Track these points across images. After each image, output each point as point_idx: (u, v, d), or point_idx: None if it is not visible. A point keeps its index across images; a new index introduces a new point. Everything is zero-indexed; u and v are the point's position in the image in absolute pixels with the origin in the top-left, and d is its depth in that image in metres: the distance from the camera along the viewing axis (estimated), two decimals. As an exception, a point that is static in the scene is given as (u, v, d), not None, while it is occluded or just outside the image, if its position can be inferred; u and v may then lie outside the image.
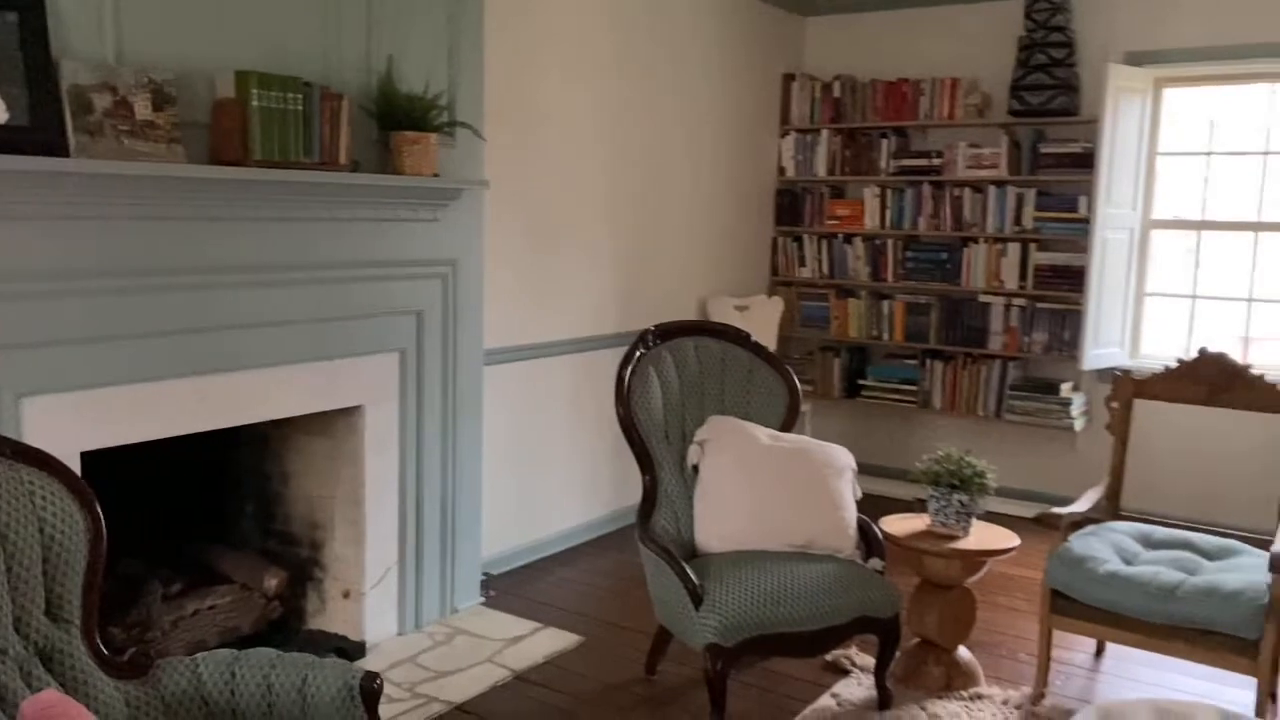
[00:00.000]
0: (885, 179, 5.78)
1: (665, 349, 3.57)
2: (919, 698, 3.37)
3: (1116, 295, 5.25)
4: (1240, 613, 2.99)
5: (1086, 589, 3.23)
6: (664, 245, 5.29)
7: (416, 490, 3.77)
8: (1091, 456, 5.27)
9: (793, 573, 3.13)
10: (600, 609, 4.14)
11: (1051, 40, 5.24)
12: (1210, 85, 5.20)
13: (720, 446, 3.44)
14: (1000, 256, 5.45)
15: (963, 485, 3.36)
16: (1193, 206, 5.30)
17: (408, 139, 3.40)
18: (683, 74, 5.26)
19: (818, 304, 6.03)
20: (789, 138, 6.05)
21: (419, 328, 3.72)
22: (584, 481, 4.92)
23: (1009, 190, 5.40)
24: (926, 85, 5.62)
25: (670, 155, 5.25)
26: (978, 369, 5.54)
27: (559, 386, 4.72)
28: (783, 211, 6.12)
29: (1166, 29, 5.11)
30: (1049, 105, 5.25)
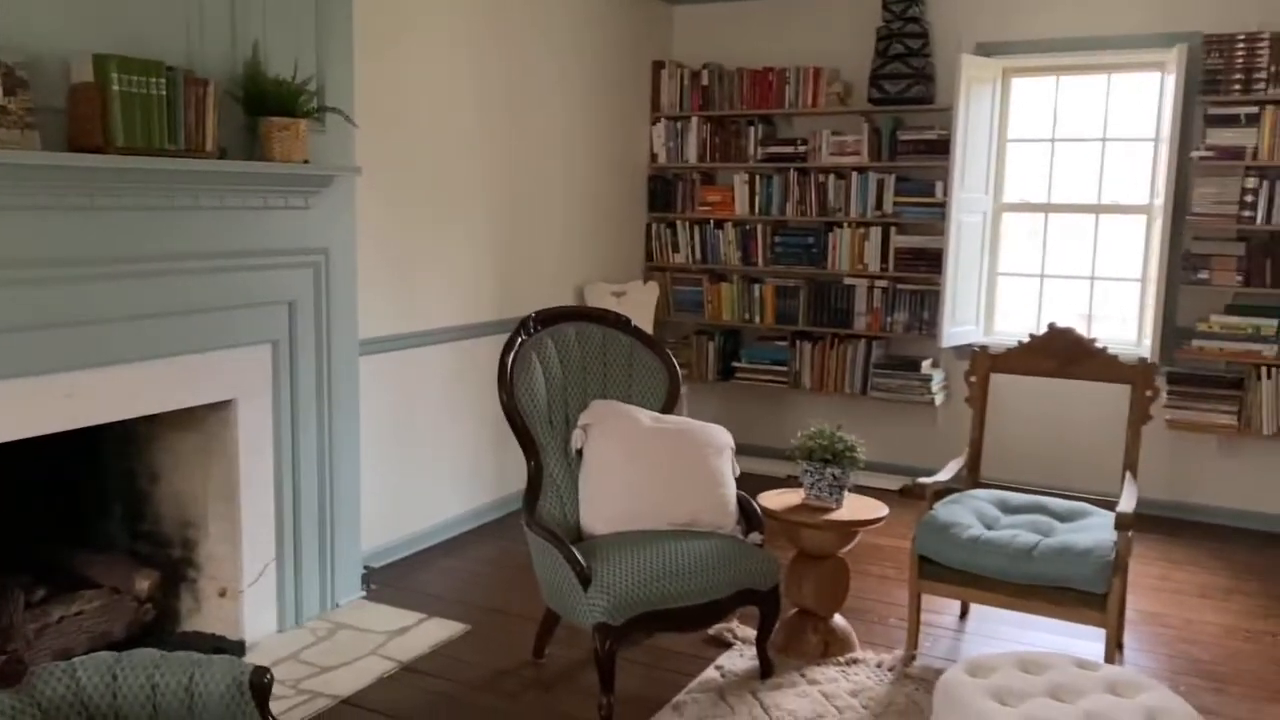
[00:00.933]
0: (753, 166, 5.92)
1: (547, 335, 3.60)
2: (799, 665, 3.50)
3: (971, 276, 5.52)
4: (1090, 570, 3.21)
5: (951, 554, 3.42)
6: (540, 232, 5.30)
7: (293, 484, 3.70)
8: (951, 429, 5.55)
9: (677, 550, 3.20)
10: (485, 596, 4.14)
11: (908, 31, 5.46)
12: (1053, 75, 5.50)
13: (603, 430, 3.49)
14: (863, 240, 5.66)
15: (835, 459, 3.50)
16: (1039, 190, 5.61)
17: (277, 125, 3.32)
18: (555, 61, 5.27)
19: (691, 289, 6.14)
20: (660, 125, 6.13)
21: (291, 318, 3.64)
22: (465, 470, 4.90)
23: (870, 176, 5.61)
24: (791, 74, 5.77)
25: (544, 143, 5.26)
26: (844, 349, 5.75)
27: (437, 375, 4.69)
28: (656, 198, 6.20)
29: (1014, 22, 5.38)
30: (906, 94, 5.47)
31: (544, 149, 5.27)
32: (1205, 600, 4.23)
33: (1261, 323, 4.88)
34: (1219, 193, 4.90)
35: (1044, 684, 2.39)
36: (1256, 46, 4.76)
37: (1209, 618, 4.05)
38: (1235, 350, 4.93)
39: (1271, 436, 4.91)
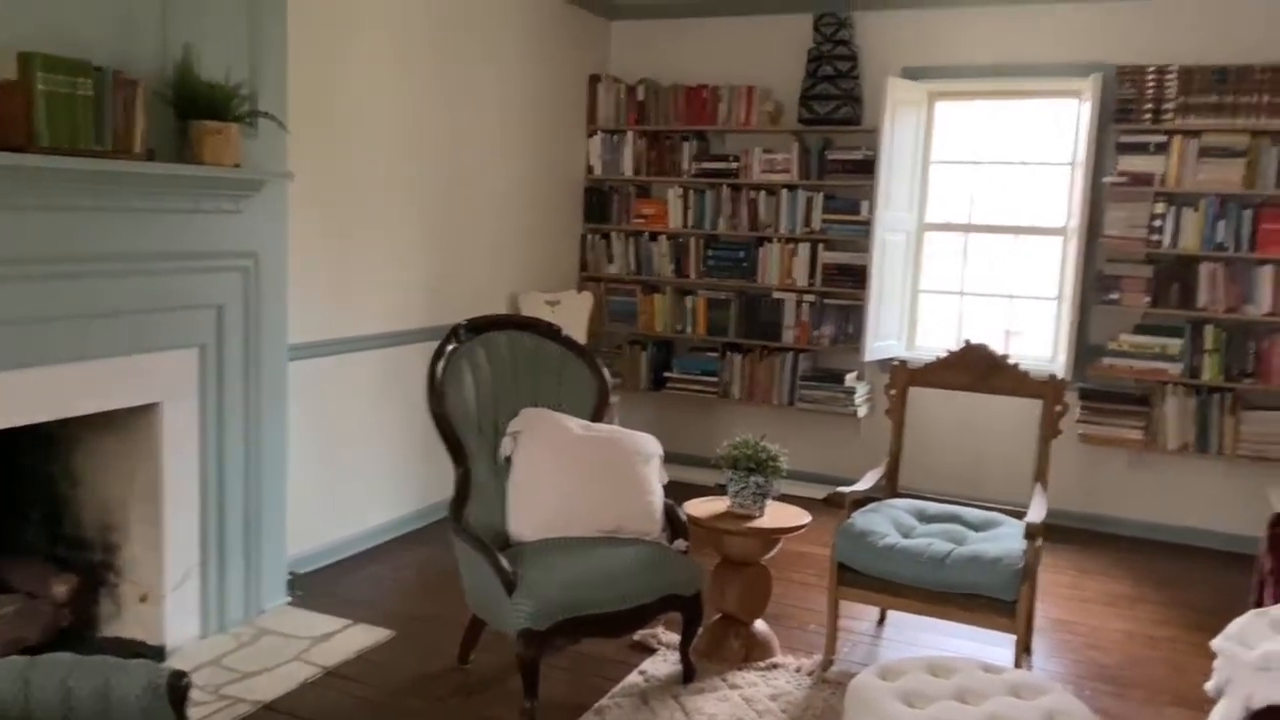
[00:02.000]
0: (688, 180, 6.02)
1: (478, 343, 3.63)
2: (720, 670, 3.57)
3: (894, 292, 5.67)
4: (1000, 577, 3.33)
5: (869, 561, 3.52)
6: (474, 240, 5.32)
7: (219, 489, 3.67)
8: (873, 440, 5.68)
9: (602, 556, 3.26)
10: (411, 603, 4.15)
11: (837, 54, 5.60)
12: (976, 100, 5.69)
13: (533, 438, 3.53)
14: (792, 256, 5.79)
15: (759, 468, 3.59)
16: (961, 211, 5.79)
17: (208, 129, 3.31)
18: (492, 72, 5.31)
19: (625, 299, 6.22)
20: (596, 137, 6.20)
21: (219, 322, 3.62)
22: (392, 477, 4.90)
23: (800, 194, 5.74)
24: (725, 92, 5.89)
25: (480, 152, 5.29)
26: (772, 361, 5.87)
27: (366, 382, 4.69)
28: (591, 209, 6.27)
29: (939, 48, 5.56)
30: (835, 115, 5.61)
31: (480, 158, 5.30)
32: (1112, 608, 4.40)
33: (1168, 342, 5.09)
34: (1129, 217, 5.12)
35: (951, 687, 2.49)
36: (1165, 79, 4.98)
37: (1115, 625, 4.21)
38: (1143, 368, 5.14)
39: (1176, 451, 5.12)
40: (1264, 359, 4.94)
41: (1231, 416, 5.00)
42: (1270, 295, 4.89)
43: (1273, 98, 4.80)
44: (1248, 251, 4.92)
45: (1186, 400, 5.08)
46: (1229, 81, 4.87)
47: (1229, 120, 4.88)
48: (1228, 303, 4.98)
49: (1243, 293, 4.96)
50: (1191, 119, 4.94)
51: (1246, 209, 4.91)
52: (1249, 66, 4.83)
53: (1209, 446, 5.05)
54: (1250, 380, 4.96)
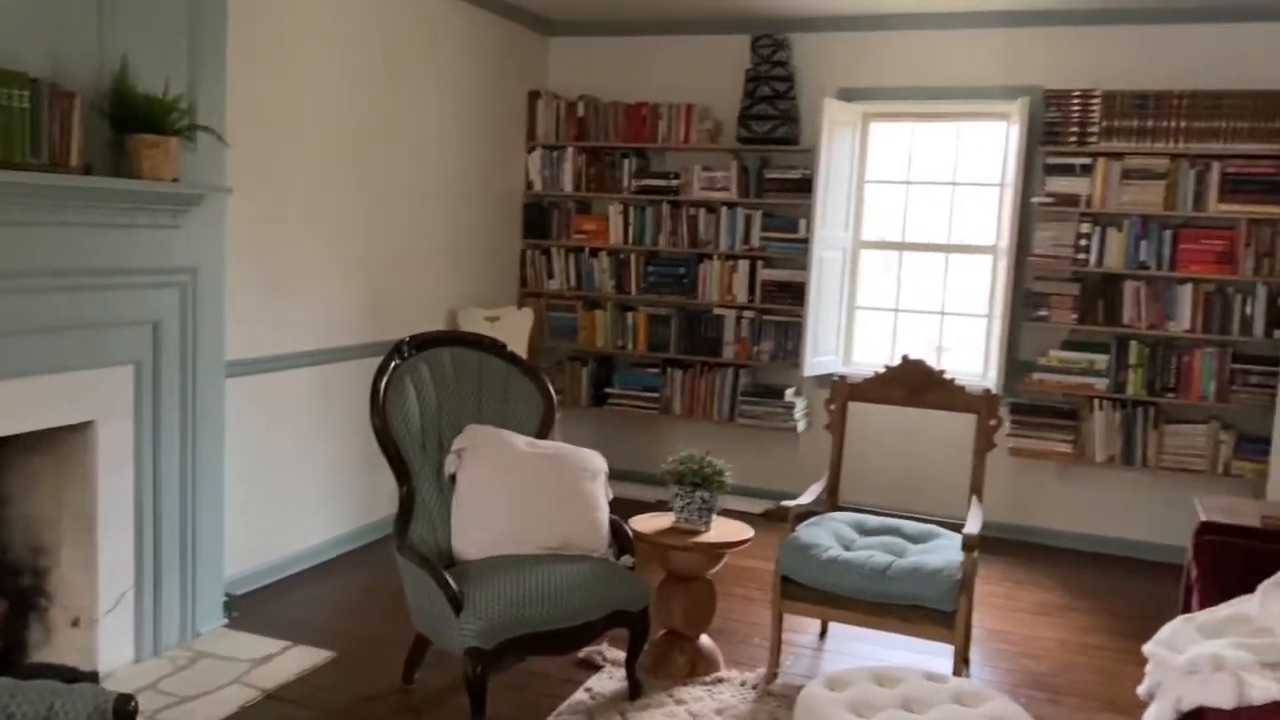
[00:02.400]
0: (628, 197, 6.06)
1: (421, 359, 3.61)
2: (666, 686, 3.59)
3: (832, 308, 5.77)
4: (940, 588, 3.41)
5: (812, 574, 3.57)
6: (413, 256, 5.29)
7: (154, 509, 3.60)
8: (812, 454, 5.76)
9: (549, 573, 3.25)
10: (352, 624, 4.09)
11: (774, 74, 5.70)
12: (909, 122, 5.83)
13: (478, 455, 3.52)
14: (732, 272, 5.86)
15: (704, 483, 3.62)
16: (895, 229, 5.92)
17: (147, 142, 3.26)
18: (430, 87, 5.29)
19: (566, 315, 6.22)
20: (536, 153, 6.21)
21: (156, 339, 3.56)
22: (331, 496, 4.84)
23: (739, 211, 5.82)
24: (664, 110, 5.94)
25: (418, 167, 5.27)
26: (713, 376, 5.92)
27: (304, 399, 4.63)
28: (531, 224, 6.27)
29: (873, 70, 5.69)
30: (773, 134, 5.70)
31: (418, 174, 5.28)
32: (1044, 617, 4.51)
33: (1095, 358, 5.26)
34: (1057, 236, 5.28)
35: (896, 696, 2.54)
36: (1090, 103, 5.16)
37: (1047, 633, 4.32)
38: (1071, 383, 5.30)
39: (1104, 464, 5.29)
40: (1184, 374, 5.13)
41: (1155, 430, 5.18)
42: (1190, 312, 5.09)
43: (1190, 123, 4.99)
44: (1168, 270, 5.10)
45: (1112, 414, 5.25)
46: (1149, 107, 5.06)
47: (1150, 144, 5.07)
48: (1150, 320, 5.16)
49: (1164, 310, 5.14)
50: (1115, 142, 5.13)
51: (1167, 229, 5.11)
52: (1168, 92, 5.02)
53: (1134, 459, 5.22)
54: (1172, 395, 5.14)
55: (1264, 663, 2.40)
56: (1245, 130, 4.91)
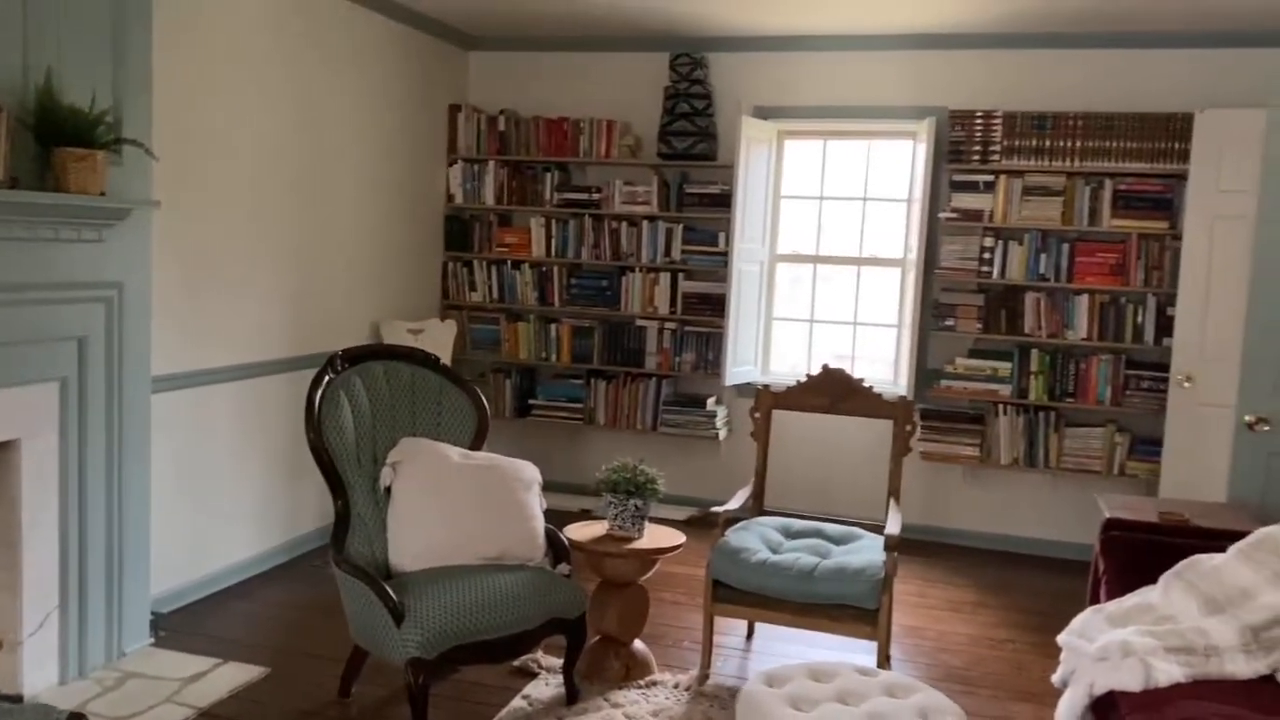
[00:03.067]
0: (550, 210, 6.13)
1: (354, 373, 3.63)
2: (602, 690, 3.66)
3: (750, 320, 5.93)
4: (864, 587, 3.56)
5: (742, 577, 3.69)
6: (335, 269, 5.27)
7: (79, 528, 3.53)
8: (733, 462, 5.91)
9: (488, 583, 3.30)
10: (284, 639, 4.07)
11: (693, 92, 5.84)
12: (821, 139, 6.03)
13: (412, 467, 3.55)
14: (654, 285, 5.98)
15: (638, 491, 3.71)
16: (809, 243, 6.11)
17: (72, 156, 3.22)
18: (351, 100, 5.29)
19: (488, 327, 6.26)
20: (457, 166, 6.24)
21: (81, 355, 3.50)
22: (256, 511, 4.79)
23: (660, 225, 5.94)
24: (586, 125, 6.03)
25: (340, 180, 5.26)
26: (636, 387, 6.03)
27: (230, 413, 4.58)
28: (452, 237, 6.29)
29: (787, 89, 5.87)
30: (692, 150, 5.84)
31: (340, 187, 5.27)
32: (956, 614, 4.72)
33: (998, 365, 5.52)
34: (962, 250, 5.53)
35: (832, 690, 2.67)
36: (992, 123, 5.43)
37: (960, 629, 4.53)
38: (977, 389, 5.55)
39: (1008, 466, 5.55)
40: (1082, 380, 5.42)
41: (1056, 433, 5.46)
42: (1086, 322, 5.38)
43: (1084, 142, 5.29)
44: (1066, 282, 5.39)
45: (1016, 419, 5.51)
46: (1047, 127, 5.35)
47: (1048, 162, 5.36)
48: (1050, 328, 5.44)
49: (1062, 319, 5.43)
50: (1015, 160, 5.40)
51: (1064, 243, 5.40)
52: (1064, 114, 5.32)
53: (1036, 461, 5.49)
54: (1071, 400, 5.43)
55: (1167, 647, 2.60)
56: (1134, 150, 5.23)
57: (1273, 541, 2.81)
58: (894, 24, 5.43)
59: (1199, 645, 2.61)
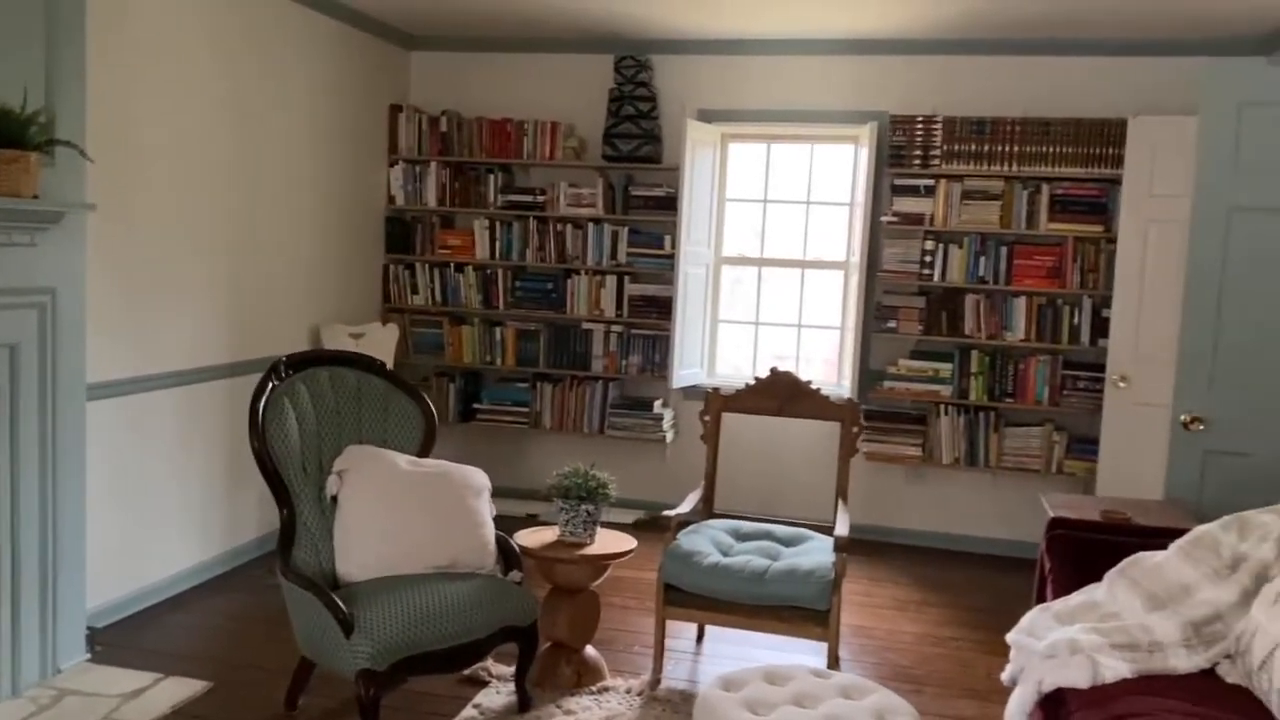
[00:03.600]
0: (493, 212, 6.08)
1: (299, 379, 3.56)
2: (554, 697, 3.64)
3: (696, 322, 5.95)
4: (814, 588, 3.59)
5: (694, 580, 3.70)
6: (274, 272, 5.17)
7: (11, 541, 3.41)
8: (679, 464, 5.92)
9: (440, 592, 3.26)
10: (226, 651, 3.98)
11: (638, 94, 5.84)
12: (765, 143, 6.07)
13: (359, 475, 3.49)
14: (600, 287, 5.96)
15: (590, 496, 3.70)
16: (753, 245, 6.15)
17: (4, 157, 3.11)
18: (289, 101, 5.19)
19: (431, 331, 6.19)
20: (398, 167, 6.16)
21: (13, 362, 3.39)
22: (194, 522, 4.67)
23: (605, 227, 5.93)
24: (529, 126, 6.00)
25: (278, 181, 5.15)
26: (583, 390, 6.01)
27: (168, 421, 4.46)
28: (393, 239, 6.21)
29: (731, 92, 5.90)
30: (637, 153, 5.84)
31: (278, 188, 5.16)
32: (902, 613, 4.78)
33: (939, 366, 5.61)
34: (904, 253, 5.61)
35: (788, 693, 2.68)
36: (932, 128, 5.51)
37: (906, 628, 4.59)
38: (919, 390, 5.63)
39: (950, 465, 5.64)
40: (1021, 381, 5.52)
41: (995, 433, 5.56)
42: (1024, 323, 5.49)
43: (1022, 147, 5.39)
44: (1005, 284, 5.50)
45: (957, 419, 5.60)
46: (986, 132, 5.44)
47: (986, 167, 5.45)
48: (989, 330, 5.54)
49: (1001, 321, 5.53)
50: (955, 165, 5.49)
51: (1003, 246, 5.50)
52: (1002, 119, 5.42)
53: (977, 460, 5.59)
54: (1010, 400, 5.54)
55: (1114, 644, 2.66)
56: (1070, 155, 5.35)
57: (1210, 539, 2.89)
58: (836, 29, 5.48)
59: (1143, 641, 2.67)
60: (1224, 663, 2.66)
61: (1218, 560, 2.82)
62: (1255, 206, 3.78)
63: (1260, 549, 2.77)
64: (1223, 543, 2.86)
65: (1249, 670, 2.51)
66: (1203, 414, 3.81)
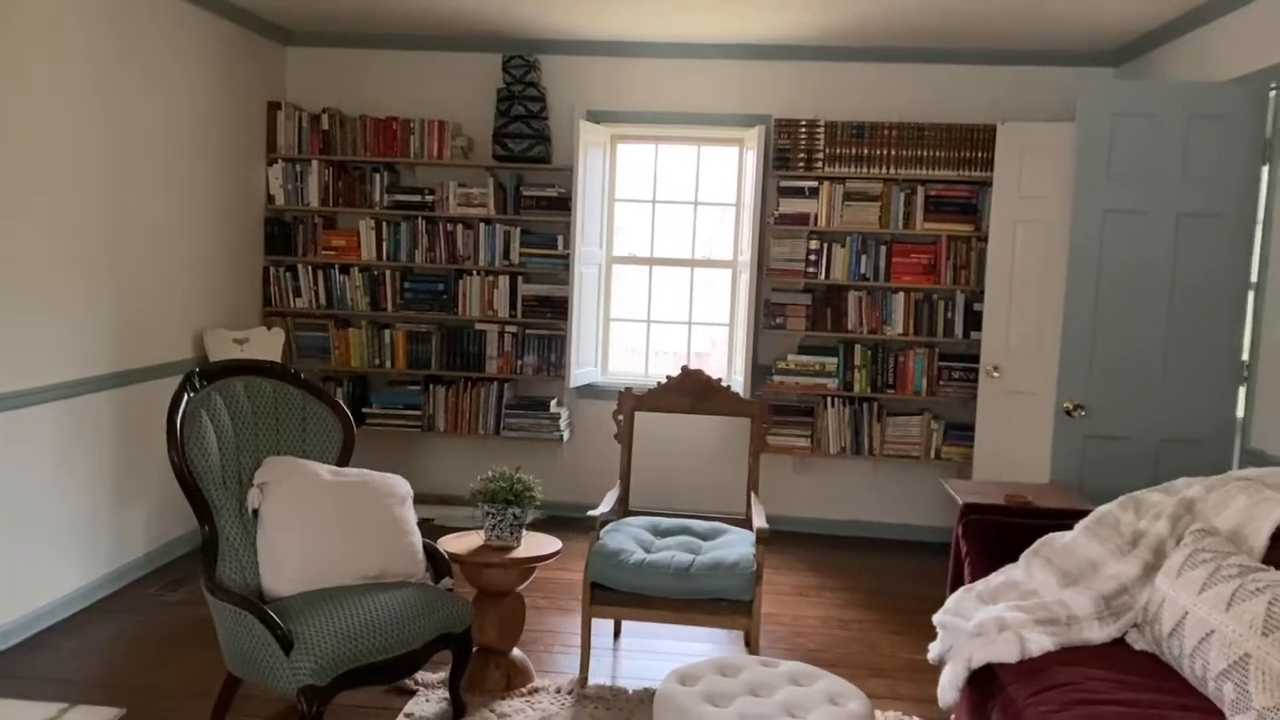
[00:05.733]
0: (380, 212, 5.96)
1: (214, 390, 3.44)
2: (487, 702, 3.64)
3: (590, 322, 6.00)
4: (739, 580, 3.70)
5: (621, 578, 3.76)
6: (153, 277, 4.92)
7: (-102, 573, 3.18)
8: (576, 463, 5.97)
9: (375, 603, 3.22)
10: (130, 675, 3.80)
11: (527, 94, 5.84)
12: (653, 144, 6.17)
13: (280, 488, 3.40)
14: (493, 288, 5.93)
15: (517, 500, 3.71)
16: (644, 245, 6.25)
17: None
18: (159, 98, 4.92)
19: (316, 334, 6.02)
20: (277, 166, 5.96)
21: (-106, 380, 3.14)
22: (79, 541, 4.43)
23: (497, 228, 5.91)
24: (416, 125, 5.91)
25: (153, 181, 4.91)
26: (477, 391, 5.97)
27: (46, 437, 4.21)
28: (273, 240, 6.01)
29: (618, 93, 5.97)
30: (529, 153, 5.84)
31: (153, 189, 4.92)
32: (803, 598, 4.98)
33: (825, 360, 5.84)
34: (790, 252, 5.81)
35: (742, 684, 2.78)
36: (815, 132, 5.73)
37: (810, 612, 4.78)
38: (807, 384, 5.85)
39: (836, 455, 5.88)
40: (901, 373, 5.82)
41: (878, 422, 5.83)
42: (903, 318, 5.78)
43: (899, 151, 5.67)
44: (884, 281, 5.77)
45: (843, 410, 5.85)
46: (865, 137, 5.70)
47: (866, 170, 5.71)
48: (870, 325, 5.81)
49: (881, 316, 5.81)
50: (837, 168, 5.72)
51: (882, 245, 5.77)
52: (881, 124, 5.68)
53: (862, 449, 5.85)
54: (891, 391, 5.82)
55: (1036, 620, 2.87)
56: (944, 158, 5.66)
57: (1111, 518, 3.15)
58: (720, 34, 5.63)
59: (1062, 616, 2.89)
60: (1132, 631, 2.91)
61: (1120, 538, 3.08)
62: (1126, 209, 4.11)
63: (1156, 525, 3.04)
64: (1122, 521, 3.12)
65: (1158, 637, 2.76)
66: (1084, 401, 4.12)
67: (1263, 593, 2.46)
